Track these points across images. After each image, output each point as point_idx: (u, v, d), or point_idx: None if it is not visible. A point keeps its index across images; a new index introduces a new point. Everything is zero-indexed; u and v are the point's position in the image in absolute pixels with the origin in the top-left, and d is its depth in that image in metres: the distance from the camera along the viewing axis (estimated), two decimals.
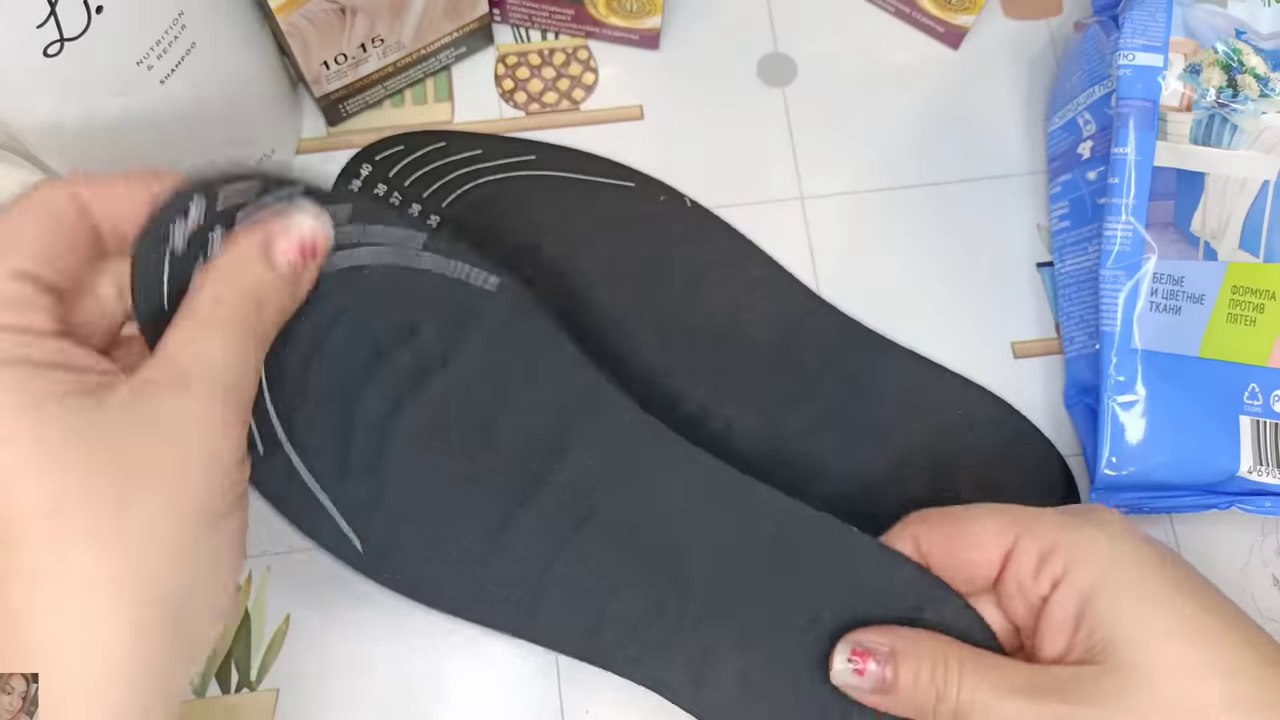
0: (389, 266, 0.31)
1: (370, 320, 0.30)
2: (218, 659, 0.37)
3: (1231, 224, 0.38)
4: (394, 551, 0.31)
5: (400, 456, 0.31)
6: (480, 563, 0.32)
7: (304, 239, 0.27)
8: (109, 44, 0.30)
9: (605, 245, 0.41)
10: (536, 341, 0.33)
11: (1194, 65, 0.38)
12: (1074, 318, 0.40)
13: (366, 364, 0.31)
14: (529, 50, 0.45)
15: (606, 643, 0.32)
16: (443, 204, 0.41)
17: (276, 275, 0.26)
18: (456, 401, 0.32)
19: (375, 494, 0.31)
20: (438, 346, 0.32)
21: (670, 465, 0.33)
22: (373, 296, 0.30)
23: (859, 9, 0.47)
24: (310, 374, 0.30)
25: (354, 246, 0.30)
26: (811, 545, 0.32)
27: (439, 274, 0.32)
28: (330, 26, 0.38)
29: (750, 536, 0.32)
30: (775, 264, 0.42)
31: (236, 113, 0.38)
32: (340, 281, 0.30)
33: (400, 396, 0.31)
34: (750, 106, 0.45)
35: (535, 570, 0.32)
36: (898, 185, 0.44)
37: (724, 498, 0.33)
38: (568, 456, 0.32)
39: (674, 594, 0.32)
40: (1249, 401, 0.37)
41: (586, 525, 0.32)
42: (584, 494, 0.32)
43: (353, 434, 0.31)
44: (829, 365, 0.40)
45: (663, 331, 0.40)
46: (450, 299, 0.32)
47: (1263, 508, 0.37)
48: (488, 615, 0.32)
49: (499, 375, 0.32)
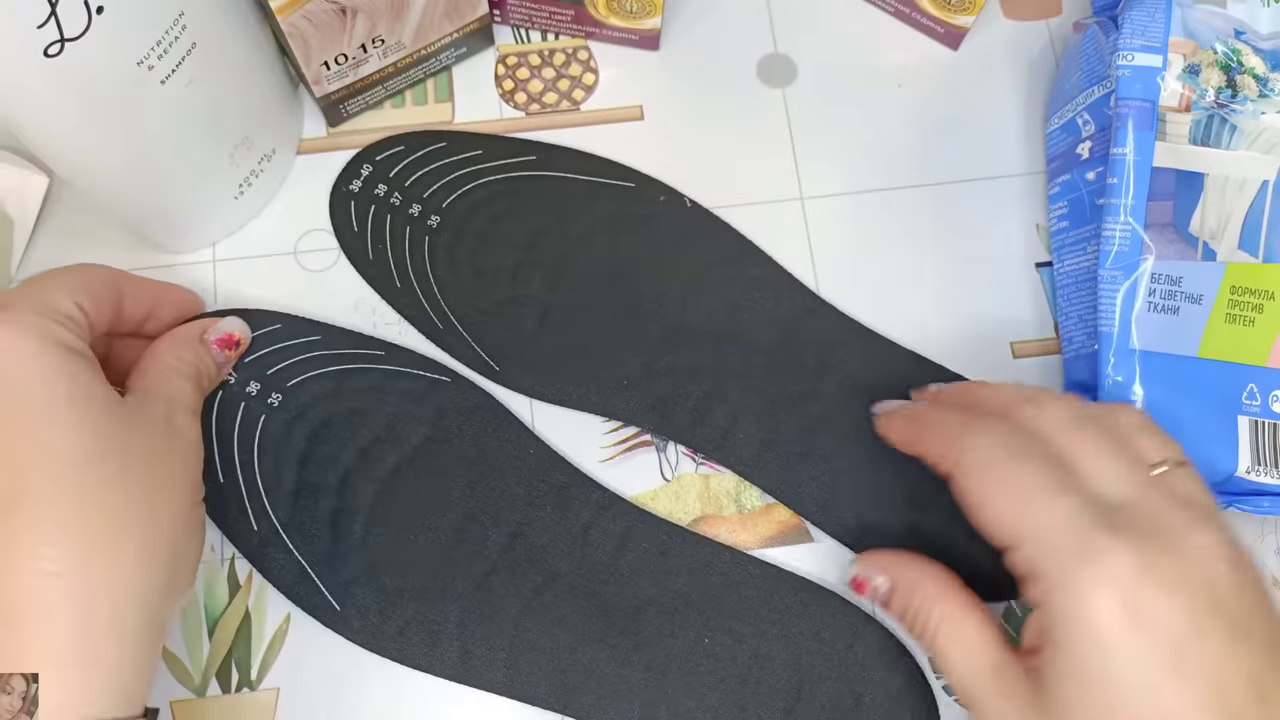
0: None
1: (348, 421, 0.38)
2: (216, 661, 0.37)
3: (1230, 224, 0.38)
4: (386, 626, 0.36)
5: (384, 540, 0.37)
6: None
7: (232, 334, 0.37)
8: (109, 44, 0.30)
9: (605, 245, 0.41)
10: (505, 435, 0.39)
11: (1193, 65, 0.38)
12: (1073, 318, 0.40)
13: (348, 460, 0.38)
14: (529, 51, 0.45)
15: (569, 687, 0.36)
16: (443, 204, 0.41)
17: (208, 351, 0.36)
18: (427, 490, 0.38)
19: (363, 575, 0.37)
20: (413, 439, 0.38)
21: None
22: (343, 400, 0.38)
23: (859, 9, 0.47)
24: (300, 475, 0.37)
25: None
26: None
27: (402, 371, 0.39)
28: (331, 27, 0.38)
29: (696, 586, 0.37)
30: (774, 264, 0.42)
31: (237, 113, 0.38)
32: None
33: (379, 487, 0.37)
34: (750, 106, 0.45)
35: (508, 632, 0.36)
36: (897, 185, 0.44)
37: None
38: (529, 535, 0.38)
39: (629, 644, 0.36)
40: (1247, 402, 0.37)
41: (549, 588, 0.37)
42: (542, 563, 0.37)
43: (339, 522, 0.37)
44: (828, 365, 0.40)
45: (662, 331, 0.40)
46: (414, 395, 0.39)
47: (1261, 508, 0.37)
48: (479, 678, 0.36)
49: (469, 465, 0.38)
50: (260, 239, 0.42)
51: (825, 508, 0.39)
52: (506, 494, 0.38)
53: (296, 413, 0.38)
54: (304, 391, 0.38)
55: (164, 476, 0.31)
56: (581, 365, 0.40)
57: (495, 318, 0.40)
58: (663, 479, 0.40)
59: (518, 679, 0.36)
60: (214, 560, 0.38)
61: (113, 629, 0.28)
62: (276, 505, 0.37)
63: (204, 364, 0.36)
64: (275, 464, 0.37)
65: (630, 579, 0.37)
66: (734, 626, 0.37)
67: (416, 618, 0.36)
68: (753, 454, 0.39)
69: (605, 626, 0.36)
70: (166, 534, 0.30)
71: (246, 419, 0.38)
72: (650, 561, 0.37)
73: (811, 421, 0.39)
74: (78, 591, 0.28)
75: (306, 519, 0.37)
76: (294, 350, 0.39)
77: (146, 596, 0.29)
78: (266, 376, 0.38)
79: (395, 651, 0.36)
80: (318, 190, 0.42)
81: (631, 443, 0.40)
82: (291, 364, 0.38)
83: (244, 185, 0.40)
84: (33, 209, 0.41)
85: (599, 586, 0.37)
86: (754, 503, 0.39)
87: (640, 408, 0.39)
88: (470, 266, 0.41)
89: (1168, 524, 0.29)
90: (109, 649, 0.28)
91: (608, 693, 0.36)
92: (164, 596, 0.30)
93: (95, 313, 0.33)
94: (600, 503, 0.38)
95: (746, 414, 0.39)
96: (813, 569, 0.39)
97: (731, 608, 0.37)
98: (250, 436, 0.37)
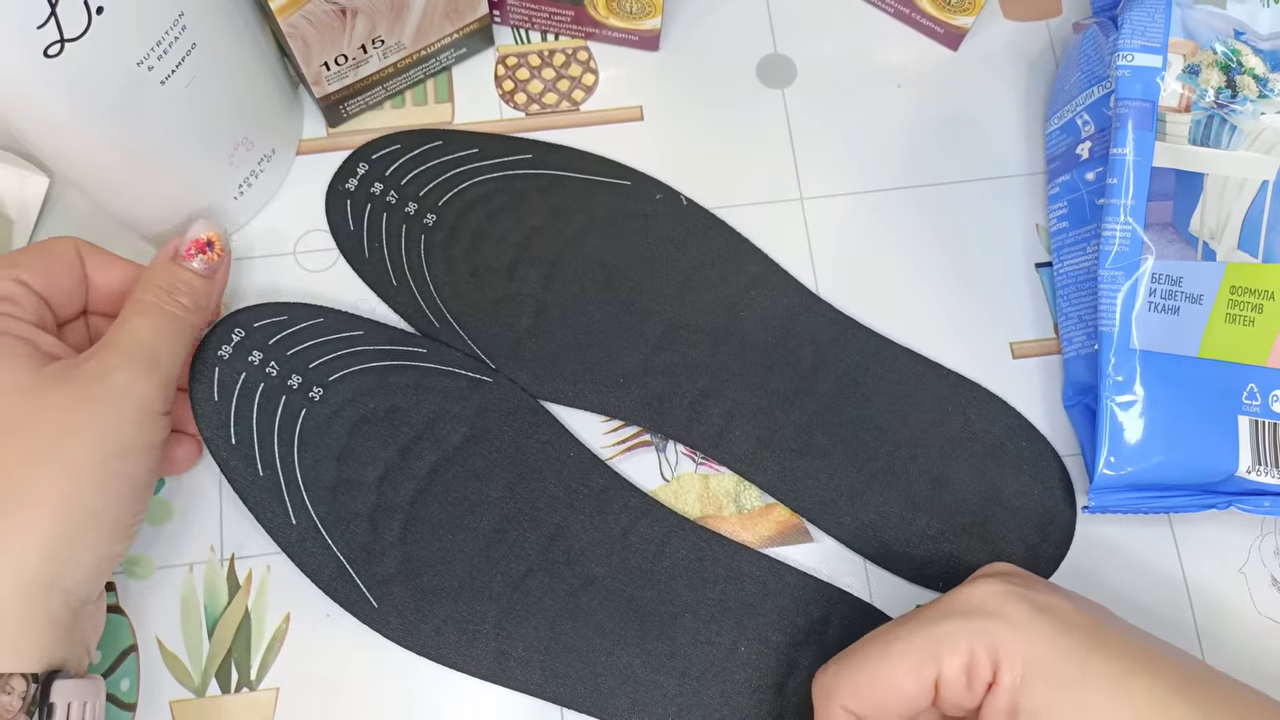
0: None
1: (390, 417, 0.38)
2: (216, 661, 0.37)
3: (1230, 224, 0.38)
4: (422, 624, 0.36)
5: (422, 539, 0.37)
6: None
7: (199, 238, 0.36)
8: (109, 45, 0.30)
9: (600, 242, 0.41)
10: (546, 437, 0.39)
11: (1193, 66, 0.38)
12: (1072, 318, 0.40)
13: (388, 457, 0.38)
14: (529, 51, 0.45)
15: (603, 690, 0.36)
16: (439, 202, 0.41)
17: (184, 267, 0.36)
18: (468, 489, 0.38)
19: (400, 573, 0.37)
20: (453, 438, 0.38)
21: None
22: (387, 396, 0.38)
23: (858, 10, 0.47)
24: (340, 470, 0.37)
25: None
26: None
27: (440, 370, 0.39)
28: (331, 27, 0.38)
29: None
30: (771, 262, 0.42)
31: (237, 113, 0.38)
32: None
33: (418, 485, 0.37)
34: (750, 107, 0.45)
35: (544, 633, 0.36)
36: (897, 186, 0.44)
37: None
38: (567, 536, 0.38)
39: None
40: (1247, 401, 0.37)
41: (586, 591, 0.36)
42: (580, 565, 0.37)
43: (378, 519, 0.37)
44: (825, 362, 0.40)
45: (658, 328, 0.40)
46: (454, 394, 0.39)
47: (1261, 507, 0.37)
48: (513, 679, 0.36)
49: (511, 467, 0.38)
50: (260, 239, 0.42)
51: (822, 505, 0.39)
52: (545, 496, 0.38)
53: (337, 407, 0.38)
54: (345, 386, 0.38)
55: (63, 433, 0.31)
56: (577, 363, 0.40)
57: (491, 316, 0.40)
58: (662, 479, 0.40)
59: (552, 681, 0.36)
60: (214, 560, 0.38)
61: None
62: (315, 500, 0.37)
63: (179, 281, 0.35)
64: (315, 458, 0.37)
65: (668, 585, 0.37)
66: (770, 635, 0.37)
67: (453, 617, 0.36)
68: (749, 451, 0.39)
69: (641, 632, 0.36)
70: (50, 491, 0.30)
71: (287, 412, 0.38)
72: (689, 568, 0.37)
73: (808, 419, 0.39)
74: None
75: (345, 515, 0.37)
76: (336, 345, 0.38)
77: (24, 553, 0.29)
78: (308, 370, 0.38)
79: (432, 650, 0.36)
80: (317, 191, 0.42)
81: (631, 442, 0.40)
82: (333, 358, 0.38)
83: (244, 185, 0.40)
84: (33, 209, 0.41)
85: (636, 591, 0.37)
86: (753, 503, 0.39)
87: (636, 405, 0.39)
88: (466, 264, 0.41)
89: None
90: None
91: (642, 698, 0.36)
92: (61, 552, 0.30)
93: (46, 287, 0.34)
94: (639, 508, 0.38)
95: (743, 411, 0.39)
96: (813, 568, 0.39)
97: (768, 617, 0.37)
98: (291, 430, 0.37)
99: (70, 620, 0.30)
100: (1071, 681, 0.28)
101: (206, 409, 0.37)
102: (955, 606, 0.30)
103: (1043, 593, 0.30)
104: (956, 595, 0.31)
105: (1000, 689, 0.29)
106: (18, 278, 0.33)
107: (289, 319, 0.38)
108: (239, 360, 0.38)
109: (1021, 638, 0.29)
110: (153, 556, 0.38)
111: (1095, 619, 0.30)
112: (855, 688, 0.30)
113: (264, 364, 0.38)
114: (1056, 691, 0.28)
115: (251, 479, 0.37)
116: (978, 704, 0.30)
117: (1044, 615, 0.29)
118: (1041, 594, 0.30)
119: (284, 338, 0.38)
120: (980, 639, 0.29)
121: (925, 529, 0.38)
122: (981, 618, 0.29)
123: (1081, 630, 0.29)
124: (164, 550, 0.38)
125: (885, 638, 0.31)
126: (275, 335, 0.38)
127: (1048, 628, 0.29)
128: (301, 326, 0.38)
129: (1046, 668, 0.28)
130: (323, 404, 0.38)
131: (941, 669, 0.29)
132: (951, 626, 0.29)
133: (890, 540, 0.38)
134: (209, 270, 0.36)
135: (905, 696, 0.30)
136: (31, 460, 0.30)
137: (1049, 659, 0.28)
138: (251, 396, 0.37)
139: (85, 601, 0.31)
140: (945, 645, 0.29)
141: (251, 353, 0.38)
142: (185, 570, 0.38)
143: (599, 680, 0.36)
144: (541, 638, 0.36)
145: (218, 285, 0.37)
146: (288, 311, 0.39)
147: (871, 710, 0.30)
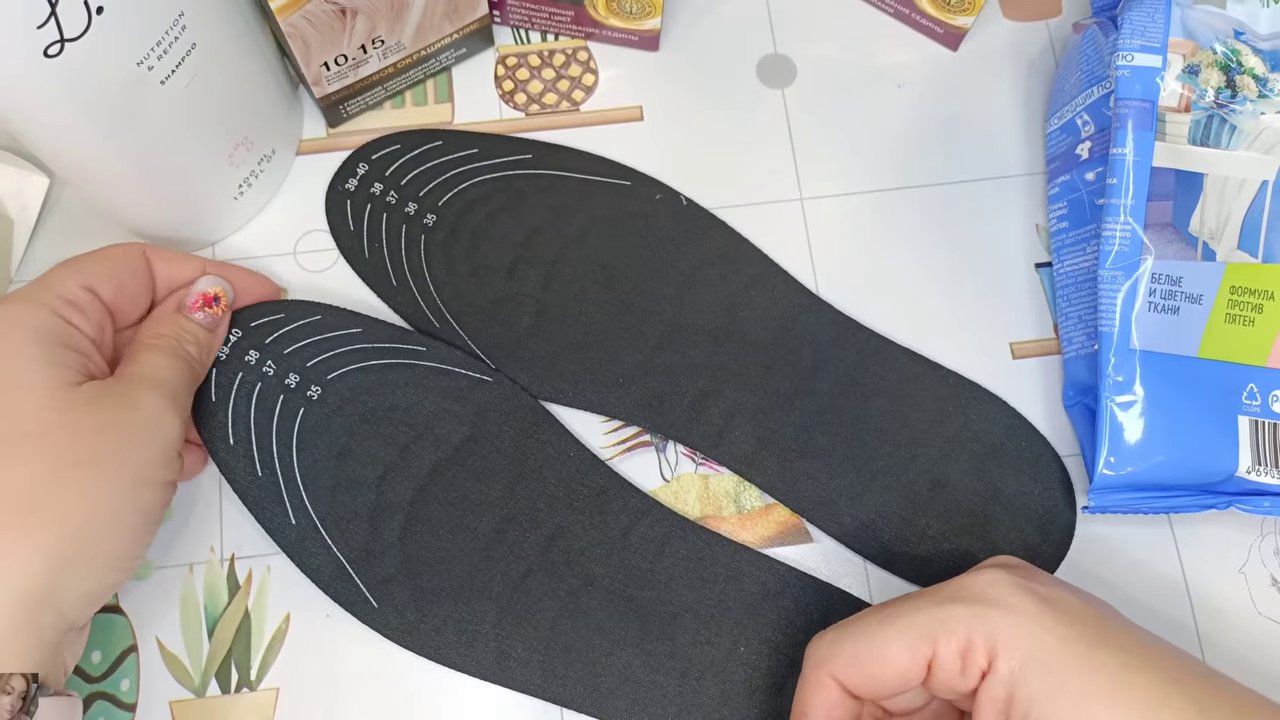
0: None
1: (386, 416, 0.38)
2: (216, 661, 0.37)
3: (1230, 224, 0.38)
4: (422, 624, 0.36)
5: (422, 539, 0.37)
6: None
7: (206, 292, 0.37)
8: (109, 45, 0.30)
9: (600, 242, 0.41)
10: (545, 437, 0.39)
11: (1192, 66, 0.38)
12: (1072, 318, 0.40)
13: (388, 457, 0.37)
14: (529, 51, 0.45)
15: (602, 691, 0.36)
16: (439, 202, 0.41)
17: (189, 319, 0.36)
18: (467, 489, 0.38)
19: (400, 573, 0.36)
20: (453, 438, 0.38)
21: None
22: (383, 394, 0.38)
23: (858, 10, 0.47)
24: (339, 469, 0.37)
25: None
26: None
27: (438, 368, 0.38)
28: (330, 27, 0.38)
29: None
30: (771, 262, 0.42)
31: (237, 114, 0.38)
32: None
33: (418, 485, 0.37)
34: (750, 107, 0.45)
35: (544, 633, 0.36)
36: (897, 186, 0.44)
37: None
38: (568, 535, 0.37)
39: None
40: (1247, 401, 0.37)
41: (586, 591, 0.36)
42: (580, 566, 0.37)
43: (377, 519, 0.37)
44: (825, 362, 0.40)
45: (658, 328, 0.40)
46: (452, 392, 0.38)
47: (1261, 508, 0.37)
48: (512, 679, 0.36)
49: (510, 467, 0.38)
50: (260, 239, 0.42)
51: (822, 505, 0.39)
52: (545, 496, 0.38)
53: (336, 406, 0.38)
54: (344, 385, 0.38)
55: (91, 453, 0.31)
56: (577, 363, 0.40)
57: (491, 315, 0.40)
58: (662, 479, 0.40)
59: (552, 681, 0.36)
60: (214, 560, 0.38)
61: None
62: (315, 500, 0.37)
63: (185, 332, 0.36)
64: (314, 458, 0.37)
65: (667, 585, 0.37)
66: (769, 635, 0.37)
67: (453, 617, 0.36)
68: (749, 451, 0.39)
69: (641, 632, 0.36)
70: (67, 509, 0.30)
71: (285, 412, 0.37)
72: (688, 568, 0.37)
73: (808, 419, 0.39)
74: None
75: (345, 514, 0.37)
76: (334, 342, 0.38)
77: (29, 565, 0.29)
78: (306, 369, 0.38)
79: (431, 650, 0.36)
80: (317, 191, 0.42)
81: (631, 443, 0.40)
82: (331, 356, 0.38)
83: (244, 186, 0.40)
84: (33, 209, 0.41)
85: (636, 592, 0.37)
86: (753, 503, 0.39)
87: (636, 405, 0.39)
88: (466, 264, 0.41)
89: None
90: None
91: (641, 698, 0.36)
92: (64, 572, 0.30)
93: (113, 296, 0.35)
94: (639, 508, 0.38)
95: (743, 411, 0.39)
96: (812, 569, 0.39)
97: (768, 617, 0.37)
98: (289, 430, 0.37)
99: (56, 642, 0.30)
100: (1071, 673, 0.28)
101: (204, 410, 0.37)
102: (959, 592, 0.30)
103: (1046, 585, 0.30)
104: (961, 581, 0.31)
105: (997, 678, 0.29)
106: (89, 285, 0.34)
107: (286, 316, 0.38)
108: (235, 360, 0.38)
109: (1022, 627, 0.29)
110: (152, 557, 0.38)
111: (1097, 612, 0.30)
112: (850, 655, 0.31)
113: (260, 363, 0.38)
114: (1055, 682, 0.28)
115: (250, 479, 0.37)
116: (969, 690, 0.30)
117: (1046, 607, 0.29)
118: (1044, 586, 0.30)
119: (281, 336, 0.38)
120: (979, 626, 0.29)
121: (925, 529, 0.38)
122: (983, 605, 0.30)
123: (1083, 623, 0.29)
124: (164, 550, 0.38)
125: (886, 612, 0.31)
126: (272, 334, 0.38)
127: (1049, 619, 0.29)
128: (299, 324, 0.38)
129: (1046, 658, 0.28)
130: (321, 403, 0.38)
131: (937, 650, 0.29)
132: (952, 610, 0.30)
133: (890, 540, 0.38)
134: (211, 324, 0.37)
135: (897, 670, 0.30)
136: (54, 474, 0.30)
137: (1049, 650, 0.29)
138: (249, 396, 0.37)
139: (73, 626, 0.31)
140: (944, 627, 0.29)
141: (248, 352, 0.38)
142: (185, 570, 0.38)
143: (599, 680, 0.36)
144: (541, 638, 0.36)
145: (218, 339, 0.37)
146: (284, 309, 0.38)
147: (861, 679, 0.30)
